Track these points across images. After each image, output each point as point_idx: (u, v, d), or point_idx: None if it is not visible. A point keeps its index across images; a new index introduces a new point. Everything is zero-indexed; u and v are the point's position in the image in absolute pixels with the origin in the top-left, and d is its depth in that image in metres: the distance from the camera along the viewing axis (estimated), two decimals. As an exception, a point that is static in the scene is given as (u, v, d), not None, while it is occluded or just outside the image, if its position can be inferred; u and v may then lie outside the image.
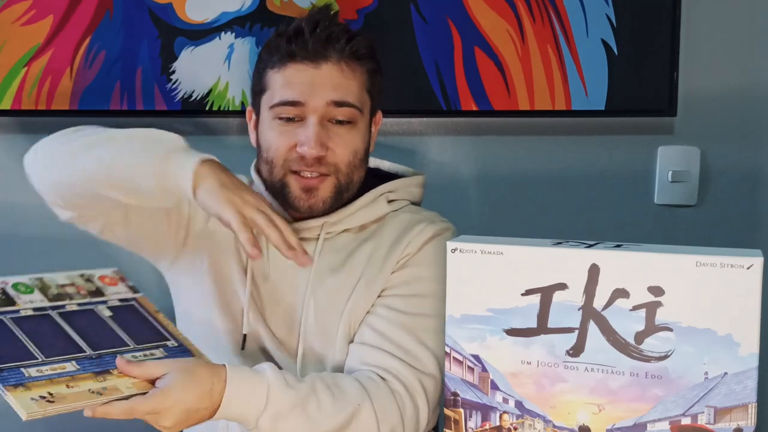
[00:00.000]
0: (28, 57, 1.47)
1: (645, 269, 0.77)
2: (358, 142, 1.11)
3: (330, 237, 1.13)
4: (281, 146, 1.09)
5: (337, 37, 1.08)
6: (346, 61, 1.08)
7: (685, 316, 0.76)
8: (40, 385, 0.83)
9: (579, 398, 0.80)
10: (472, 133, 1.52)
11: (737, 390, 0.74)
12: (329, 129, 1.08)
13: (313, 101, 1.07)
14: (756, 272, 0.73)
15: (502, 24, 1.46)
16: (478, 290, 0.83)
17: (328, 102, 1.07)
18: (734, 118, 1.51)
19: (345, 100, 1.08)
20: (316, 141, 1.06)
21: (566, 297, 0.80)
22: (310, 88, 1.07)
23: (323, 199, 1.09)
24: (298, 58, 1.07)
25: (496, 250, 0.83)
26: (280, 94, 1.08)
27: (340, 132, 1.09)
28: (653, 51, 1.46)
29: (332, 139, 1.08)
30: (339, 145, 1.08)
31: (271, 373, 0.98)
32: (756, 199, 1.53)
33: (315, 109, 1.07)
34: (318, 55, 1.07)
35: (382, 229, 1.14)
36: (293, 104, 1.07)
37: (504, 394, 0.84)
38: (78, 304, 0.97)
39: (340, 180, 1.09)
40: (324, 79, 1.07)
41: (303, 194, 1.09)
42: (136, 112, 1.48)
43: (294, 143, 1.08)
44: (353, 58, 1.09)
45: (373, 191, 1.15)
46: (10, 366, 0.84)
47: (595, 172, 1.52)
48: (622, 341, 0.78)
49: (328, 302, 1.11)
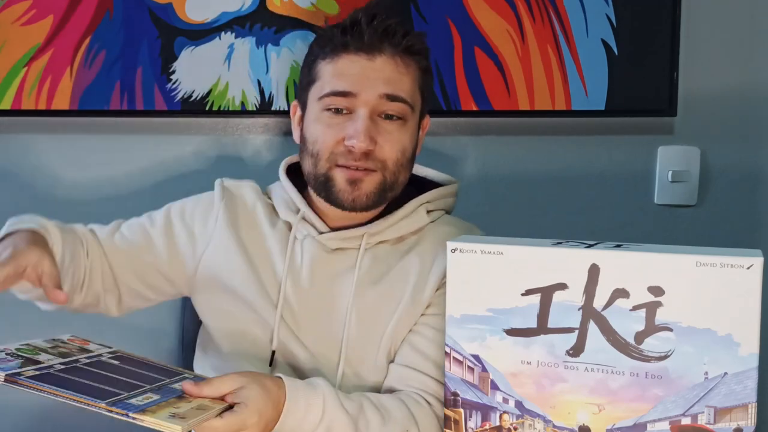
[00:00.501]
0: (28, 57, 1.47)
1: (645, 269, 0.77)
2: (407, 140, 1.08)
3: (369, 248, 1.11)
4: (328, 139, 1.06)
5: (394, 30, 1.05)
6: (400, 55, 1.06)
7: (685, 316, 0.76)
8: (157, 409, 0.82)
9: (579, 398, 0.80)
10: (472, 133, 1.52)
11: (737, 390, 0.74)
12: (379, 124, 1.05)
13: (365, 93, 1.04)
14: (756, 272, 0.73)
15: (502, 24, 1.46)
16: (478, 290, 0.83)
17: (381, 95, 1.04)
18: (734, 118, 1.51)
19: (397, 95, 1.05)
20: (365, 134, 1.03)
21: (566, 297, 0.80)
22: (363, 80, 1.04)
23: (367, 193, 1.06)
24: (352, 49, 1.05)
25: (496, 250, 0.83)
26: (331, 84, 1.06)
27: (390, 128, 1.06)
28: (653, 51, 1.46)
29: (381, 134, 1.05)
30: (388, 142, 1.06)
31: (325, 387, 0.97)
32: (756, 199, 1.53)
33: (366, 102, 1.04)
34: (373, 48, 1.05)
35: (422, 242, 1.12)
36: (344, 95, 1.05)
37: (504, 394, 0.84)
38: (87, 358, 0.95)
39: (386, 177, 1.07)
40: (377, 71, 1.05)
41: (348, 186, 1.06)
42: (136, 112, 1.48)
43: (342, 136, 1.05)
44: (408, 53, 1.07)
45: (413, 202, 1.13)
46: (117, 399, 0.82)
47: (595, 172, 1.52)
48: (622, 341, 0.78)
49: (371, 315, 1.08)
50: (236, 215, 1.15)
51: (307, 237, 1.12)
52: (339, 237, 1.10)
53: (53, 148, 1.53)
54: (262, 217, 1.15)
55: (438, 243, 1.11)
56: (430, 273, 1.09)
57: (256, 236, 1.14)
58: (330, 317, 1.09)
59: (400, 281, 1.09)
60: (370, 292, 1.09)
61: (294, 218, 1.12)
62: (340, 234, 1.10)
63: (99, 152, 1.53)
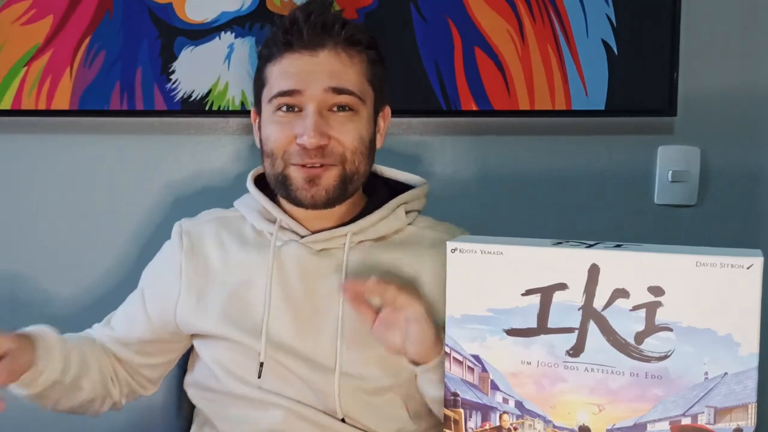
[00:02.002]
0: (28, 57, 1.47)
1: (645, 269, 0.77)
2: (363, 129, 1.08)
3: (352, 246, 1.11)
4: (280, 138, 1.07)
5: (332, 23, 1.06)
6: (343, 47, 1.06)
7: (685, 316, 0.76)
8: None
9: (579, 398, 0.80)
10: (472, 133, 1.52)
11: (737, 390, 0.74)
12: (329, 118, 1.06)
13: (310, 89, 1.05)
14: (756, 272, 0.73)
15: (502, 24, 1.46)
16: (478, 290, 0.83)
17: (326, 88, 1.05)
18: (734, 118, 1.51)
19: (343, 87, 1.06)
20: (315, 130, 1.04)
21: (566, 297, 0.80)
22: (307, 76, 1.05)
23: (326, 188, 1.07)
24: (295, 48, 1.06)
25: (496, 250, 0.83)
26: (278, 85, 1.07)
27: (341, 119, 1.06)
28: (653, 51, 1.46)
29: (334, 127, 1.06)
30: (342, 133, 1.06)
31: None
32: (756, 199, 1.53)
33: (312, 97, 1.05)
34: (314, 43, 1.05)
35: (406, 244, 1.13)
36: (290, 93, 1.06)
37: (504, 394, 0.84)
38: None
39: (346, 169, 1.07)
40: (321, 66, 1.05)
41: (305, 184, 1.07)
42: (136, 112, 1.48)
43: (294, 134, 1.06)
44: (350, 44, 1.07)
45: (392, 202, 1.13)
46: None
47: (595, 172, 1.52)
48: (622, 341, 0.78)
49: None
50: (202, 256, 1.15)
51: (289, 242, 1.11)
52: (323, 238, 1.10)
53: (53, 148, 1.53)
54: (231, 242, 1.15)
55: (423, 246, 1.13)
56: (420, 277, 1.10)
57: (231, 263, 1.14)
58: (322, 318, 1.09)
59: (390, 277, 1.09)
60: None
61: (271, 227, 1.12)
62: (323, 235, 1.10)
63: (99, 152, 1.53)
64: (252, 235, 1.15)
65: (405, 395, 1.12)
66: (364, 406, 1.09)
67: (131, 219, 1.53)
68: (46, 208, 1.54)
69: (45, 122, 1.52)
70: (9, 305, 1.55)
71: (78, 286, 1.54)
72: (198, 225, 1.19)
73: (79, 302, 1.54)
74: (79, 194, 1.53)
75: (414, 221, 1.17)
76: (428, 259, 1.12)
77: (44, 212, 1.54)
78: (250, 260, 1.12)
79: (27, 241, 1.54)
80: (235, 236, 1.16)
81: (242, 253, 1.13)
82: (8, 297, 1.55)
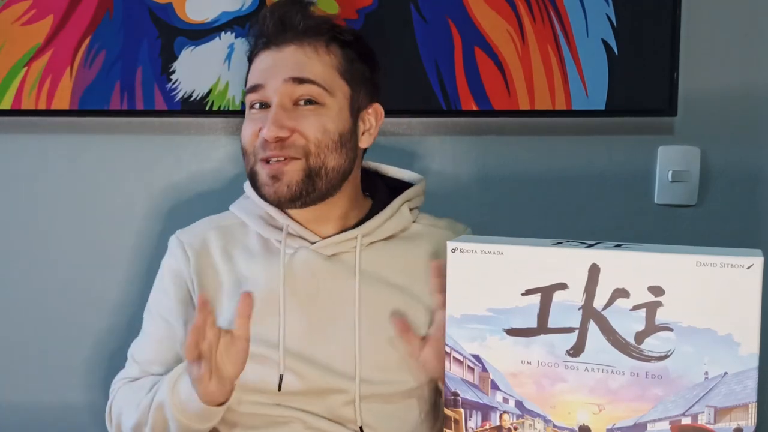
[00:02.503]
0: (28, 57, 1.47)
1: (645, 269, 0.77)
2: (328, 122, 1.06)
3: (363, 248, 1.11)
4: (248, 134, 1.08)
5: (291, 16, 1.07)
6: (307, 39, 1.07)
7: (685, 316, 0.76)
8: None
9: (579, 398, 0.80)
10: (472, 133, 1.52)
11: (737, 390, 0.74)
12: (294, 111, 1.06)
13: (272, 81, 1.06)
14: (756, 272, 0.73)
15: (502, 24, 1.46)
16: (478, 290, 0.83)
17: (286, 79, 1.05)
18: (734, 118, 1.51)
19: (304, 77, 1.05)
20: (273, 121, 1.03)
21: (566, 297, 0.80)
22: (270, 70, 1.06)
23: (288, 183, 1.05)
24: (265, 47, 1.08)
25: (496, 250, 0.83)
26: (248, 82, 1.09)
27: (305, 112, 1.05)
28: (653, 51, 1.46)
29: (297, 120, 1.05)
30: (304, 125, 1.05)
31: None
32: (756, 199, 1.53)
33: (275, 90, 1.05)
34: (279, 39, 1.07)
35: (414, 242, 1.13)
36: (255, 89, 1.07)
37: (504, 394, 0.84)
38: None
39: (310, 163, 1.05)
40: (284, 60, 1.06)
41: (269, 180, 1.06)
42: (136, 112, 1.48)
43: (259, 130, 1.06)
44: (313, 35, 1.07)
45: (397, 200, 1.13)
46: None
47: (595, 172, 1.52)
48: (623, 341, 0.78)
49: (378, 315, 1.08)
50: (211, 269, 1.13)
51: (299, 249, 1.10)
52: (334, 242, 1.10)
53: (53, 148, 1.53)
54: (237, 254, 1.13)
55: (431, 243, 1.13)
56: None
57: (240, 275, 1.11)
58: (339, 324, 1.08)
59: (402, 277, 1.10)
60: (372, 291, 1.09)
61: (278, 234, 1.11)
62: (334, 239, 1.10)
63: (99, 152, 1.53)
64: (257, 244, 1.13)
65: (420, 396, 1.12)
66: (382, 413, 1.09)
67: (131, 219, 1.53)
68: (46, 208, 1.54)
69: (45, 122, 1.52)
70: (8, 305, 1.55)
71: (77, 286, 1.54)
72: (198, 236, 1.17)
73: (78, 302, 1.54)
74: (79, 194, 1.53)
75: (417, 219, 1.17)
76: (439, 255, 1.11)
77: (44, 212, 1.54)
78: (259, 271, 1.10)
79: (27, 241, 1.54)
80: (240, 247, 1.14)
81: (251, 264, 1.11)
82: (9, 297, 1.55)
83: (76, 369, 1.54)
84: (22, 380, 1.54)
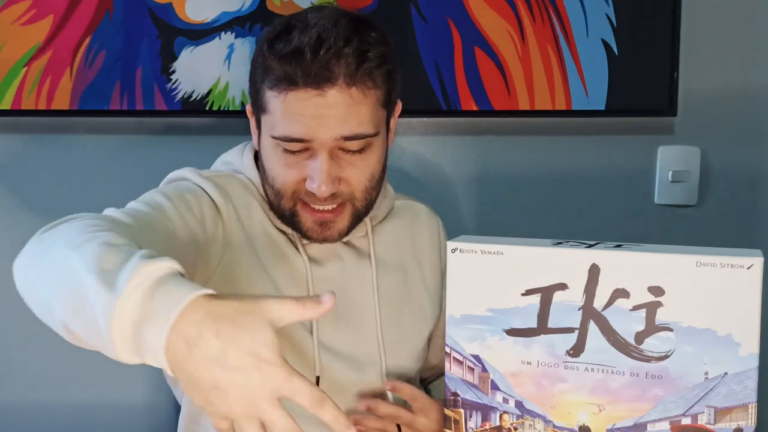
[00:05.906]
0: (28, 57, 1.47)
1: (645, 269, 0.77)
2: (374, 164, 1.00)
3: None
4: (288, 179, 0.98)
5: (347, 57, 0.93)
6: (356, 83, 0.94)
7: (685, 316, 0.76)
8: None
9: (579, 398, 0.80)
10: (472, 133, 1.52)
11: (737, 390, 0.74)
12: (341, 159, 0.97)
13: (320, 136, 0.94)
14: (756, 272, 0.73)
15: (502, 24, 1.46)
16: (478, 290, 0.83)
17: (337, 138, 0.95)
18: (734, 118, 1.51)
19: (357, 133, 0.95)
20: (327, 178, 0.95)
21: (566, 297, 0.80)
22: (316, 123, 0.93)
23: (339, 230, 1.01)
24: (300, 85, 0.93)
25: (496, 250, 0.83)
26: (282, 127, 0.95)
27: (353, 160, 0.98)
28: (653, 51, 1.46)
29: (345, 169, 0.98)
30: (353, 176, 0.98)
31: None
32: (756, 199, 1.53)
33: (323, 145, 0.95)
34: (322, 79, 0.92)
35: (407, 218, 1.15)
36: (299, 141, 0.95)
37: (504, 394, 0.84)
38: None
39: (357, 207, 1.01)
40: (330, 109, 0.93)
41: (317, 227, 1.00)
42: (136, 112, 1.48)
43: (303, 177, 0.97)
44: (366, 77, 0.95)
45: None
46: None
47: (595, 172, 1.52)
48: (623, 341, 0.78)
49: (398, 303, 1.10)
50: (244, 220, 1.03)
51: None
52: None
53: (53, 148, 1.53)
54: (266, 221, 1.05)
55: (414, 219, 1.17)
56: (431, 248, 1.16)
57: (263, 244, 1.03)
58: (360, 312, 1.08)
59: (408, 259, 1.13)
60: (387, 272, 1.10)
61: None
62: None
63: (99, 152, 1.53)
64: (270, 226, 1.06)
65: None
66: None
67: (131, 219, 1.53)
68: (46, 209, 1.54)
69: (45, 122, 1.52)
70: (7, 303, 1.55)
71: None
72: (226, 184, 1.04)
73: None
74: (79, 194, 1.53)
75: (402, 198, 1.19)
76: (425, 228, 1.16)
77: (44, 212, 1.54)
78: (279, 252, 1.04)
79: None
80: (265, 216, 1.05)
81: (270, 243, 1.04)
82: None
83: (78, 369, 1.54)
84: (23, 380, 1.54)
